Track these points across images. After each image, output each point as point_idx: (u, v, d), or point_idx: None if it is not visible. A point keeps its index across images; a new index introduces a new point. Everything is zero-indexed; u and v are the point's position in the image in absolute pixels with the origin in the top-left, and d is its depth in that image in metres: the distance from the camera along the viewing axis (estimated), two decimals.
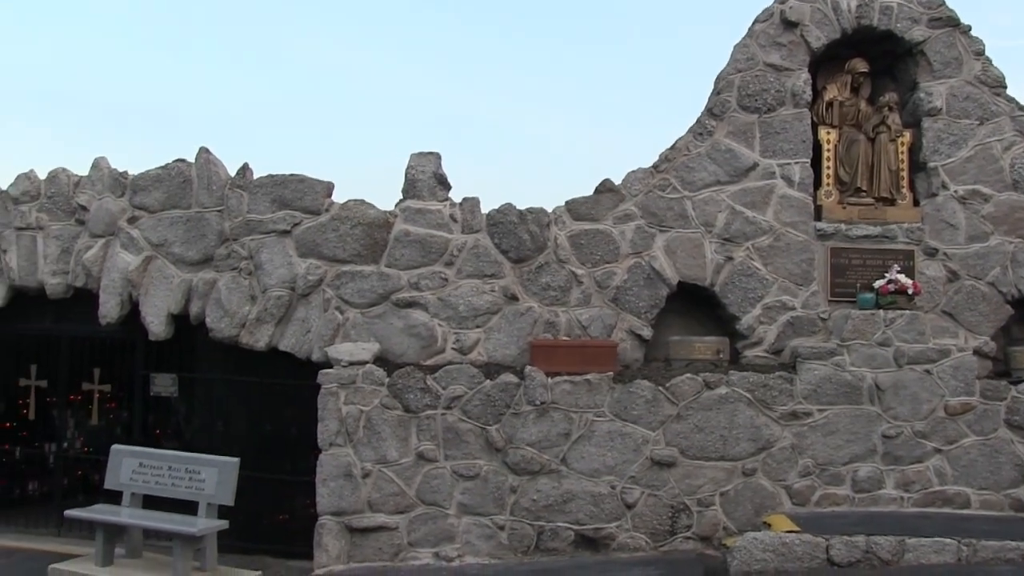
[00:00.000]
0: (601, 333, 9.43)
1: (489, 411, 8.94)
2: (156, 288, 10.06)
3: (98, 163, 10.63)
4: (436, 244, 9.52)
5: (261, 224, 9.75)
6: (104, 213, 10.34)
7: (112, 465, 9.34)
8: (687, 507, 8.94)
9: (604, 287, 9.52)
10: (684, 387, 9.02)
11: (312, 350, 9.51)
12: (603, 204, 9.66)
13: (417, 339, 9.39)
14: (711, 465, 8.99)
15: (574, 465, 8.92)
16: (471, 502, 8.92)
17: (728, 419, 9.00)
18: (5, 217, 10.92)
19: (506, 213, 9.53)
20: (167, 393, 10.51)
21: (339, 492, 8.93)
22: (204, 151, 10.15)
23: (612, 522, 8.89)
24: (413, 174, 9.68)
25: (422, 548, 8.91)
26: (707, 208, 9.66)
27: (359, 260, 9.53)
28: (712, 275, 9.60)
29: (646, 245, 9.59)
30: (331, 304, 9.50)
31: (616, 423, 8.96)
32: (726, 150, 9.70)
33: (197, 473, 8.92)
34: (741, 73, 9.77)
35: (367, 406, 8.98)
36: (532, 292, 9.49)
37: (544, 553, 8.87)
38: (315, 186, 9.74)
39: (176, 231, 10.07)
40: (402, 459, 8.96)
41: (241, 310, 9.71)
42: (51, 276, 10.65)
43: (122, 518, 8.95)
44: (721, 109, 9.75)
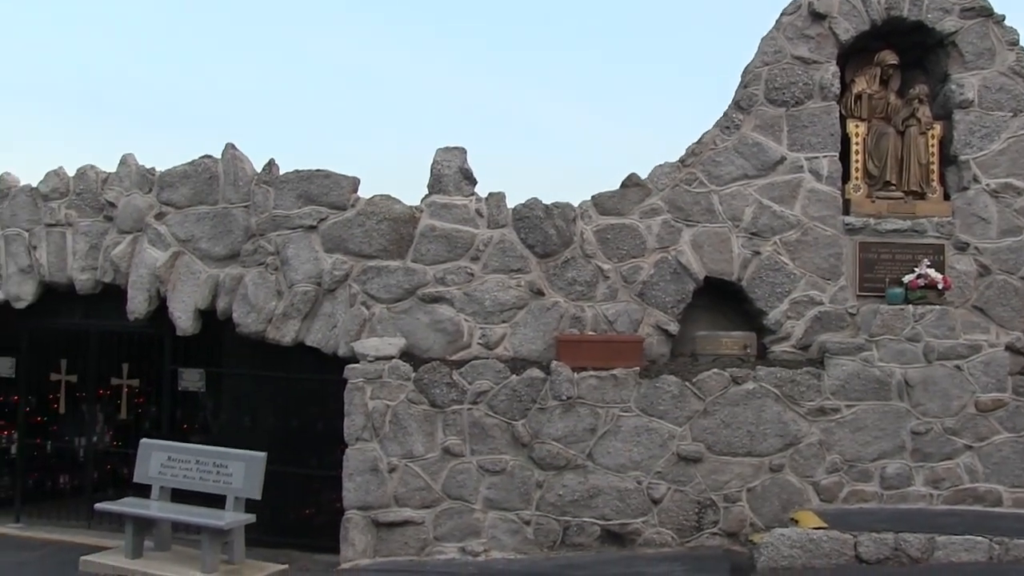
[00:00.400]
0: (627, 328, 9.40)
1: (515, 406, 8.93)
2: (183, 284, 10.13)
3: (126, 160, 10.70)
4: (462, 239, 9.52)
5: (287, 219, 9.78)
6: (132, 209, 10.42)
7: (141, 459, 9.44)
8: (713, 503, 8.90)
9: (630, 282, 9.48)
10: (711, 382, 8.97)
11: (338, 345, 9.54)
12: (629, 198, 9.62)
13: (443, 334, 9.40)
14: (738, 461, 8.94)
15: (600, 460, 8.90)
16: (497, 497, 8.92)
17: (755, 415, 8.94)
18: (35, 214, 11.02)
19: (532, 208, 9.51)
20: (195, 388, 10.58)
21: (365, 487, 8.96)
22: (230, 147, 10.20)
23: (638, 517, 8.87)
24: (439, 169, 9.68)
25: (448, 543, 8.93)
26: (734, 202, 9.59)
27: (385, 255, 9.54)
28: (739, 270, 9.54)
29: (673, 239, 9.54)
30: (357, 299, 9.52)
31: (642, 418, 8.92)
32: (753, 144, 9.63)
33: (224, 467, 8.99)
34: (768, 66, 9.69)
35: (393, 401, 9.00)
36: (558, 287, 9.46)
37: (570, 548, 8.86)
38: (341, 181, 9.76)
39: (203, 227, 10.13)
40: (428, 454, 8.97)
41: (268, 305, 9.76)
42: (80, 272, 10.74)
43: (151, 511, 9.05)
44: (748, 102, 9.68)
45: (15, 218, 11.12)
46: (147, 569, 8.66)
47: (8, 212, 11.17)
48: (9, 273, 11.10)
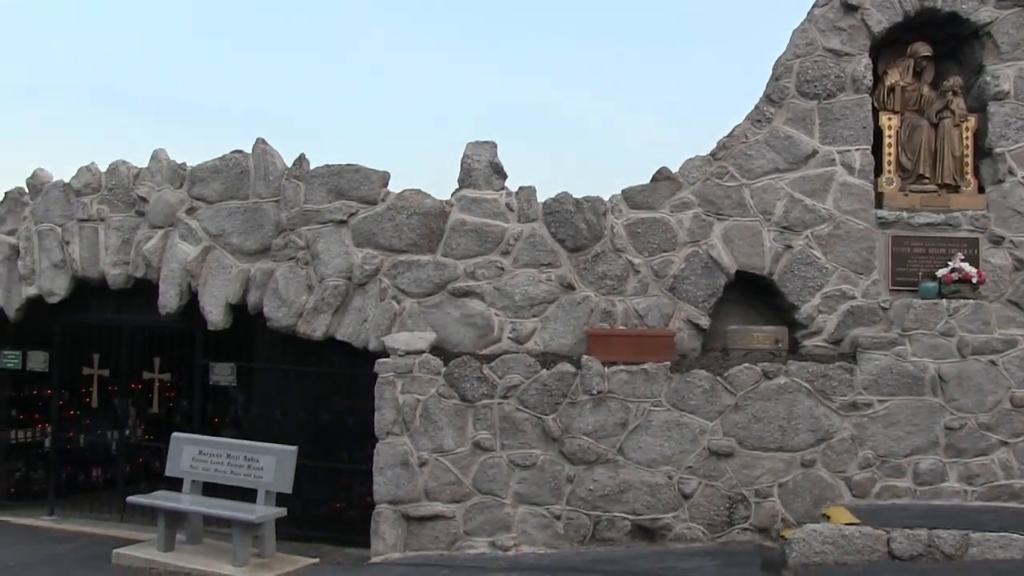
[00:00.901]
0: (658, 322, 9.36)
1: (545, 400, 8.92)
2: (214, 278, 10.18)
3: (157, 155, 10.77)
4: (492, 233, 9.51)
5: (318, 214, 9.81)
6: (163, 204, 10.48)
7: (173, 453, 9.51)
8: (745, 498, 8.85)
9: (661, 276, 9.44)
10: (742, 377, 8.91)
11: (369, 339, 9.56)
12: (660, 192, 9.57)
13: (473, 328, 9.40)
14: (769, 456, 8.88)
15: (631, 455, 8.87)
16: (527, 491, 8.91)
17: (787, 409, 8.87)
18: (68, 209, 11.12)
19: (562, 202, 9.49)
20: (225, 382, 10.64)
21: (396, 481, 8.98)
22: (261, 142, 10.24)
23: (669, 512, 8.84)
24: (469, 163, 9.67)
25: (478, 537, 8.93)
26: (765, 196, 9.52)
27: (415, 249, 9.55)
28: (771, 264, 9.47)
29: (704, 233, 9.48)
30: (388, 293, 9.54)
31: (673, 413, 8.89)
32: (785, 137, 9.55)
33: (255, 461, 9.04)
34: (800, 59, 9.61)
35: (424, 395, 9.02)
36: (588, 281, 9.44)
37: (600, 543, 8.85)
38: (371, 176, 9.78)
39: (234, 221, 10.17)
40: (458, 448, 8.98)
41: (298, 300, 9.79)
42: (112, 267, 10.82)
43: (183, 505, 9.12)
44: (779, 95, 9.60)
45: (48, 213, 11.22)
46: (179, 562, 8.73)
47: (41, 208, 11.28)
48: (42, 268, 11.20)
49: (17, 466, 12.27)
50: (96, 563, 8.96)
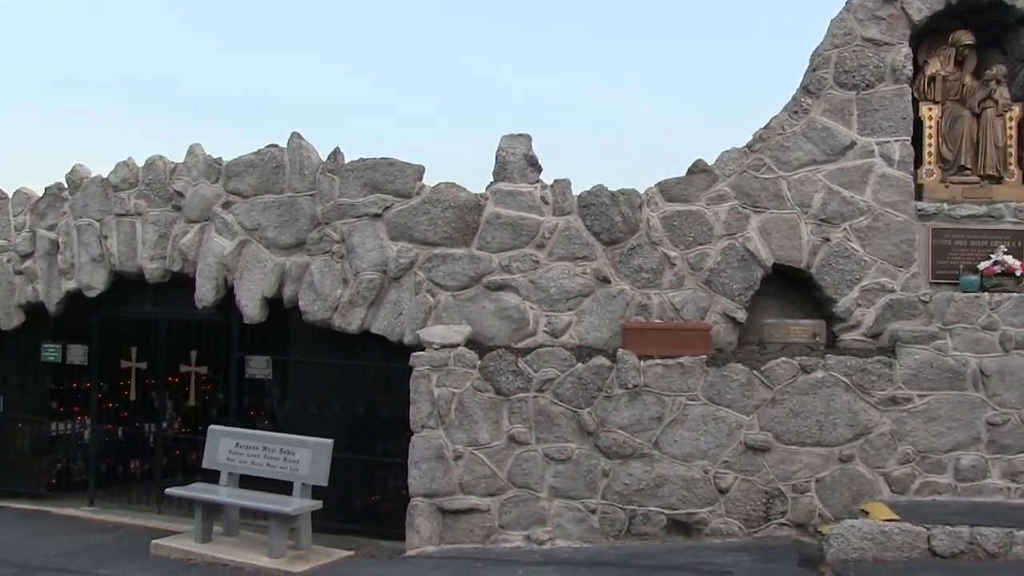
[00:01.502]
0: (694, 316, 9.29)
1: (581, 394, 8.89)
2: (250, 272, 10.24)
3: (193, 150, 10.84)
4: (527, 226, 9.48)
5: (353, 208, 9.84)
6: (199, 199, 10.55)
7: (210, 445, 9.59)
8: (781, 493, 8.77)
9: (697, 269, 9.37)
10: (779, 371, 8.83)
11: (404, 333, 9.58)
12: (696, 185, 9.50)
13: (508, 322, 9.38)
14: (807, 451, 8.79)
15: (666, 449, 8.82)
16: (562, 485, 8.89)
17: (824, 404, 8.78)
18: (106, 204, 11.23)
19: (598, 195, 9.44)
20: (261, 375, 10.71)
21: (431, 474, 8.99)
22: (296, 136, 10.27)
23: (705, 507, 8.78)
24: (504, 156, 9.65)
25: (513, 531, 8.93)
26: (803, 188, 9.41)
27: (450, 243, 9.55)
28: (808, 257, 9.37)
29: (740, 226, 9.40)
30: (423, 287, 9.55)
31: (709, 407, 8.82)
32: (822, 128, 9.43)
33: (292, 454, 9.09)
34: (838, 49, 9.47)
35: (459, 388, 9.02)
36: (624, 274, 9.39)
37: (635, 537, 8.81)
38: (406, 169, 9.79)
39: (269, 215, 10.22)
40: (494, 441, 8.98)
41: (334, 293, 9.83)
42: (149, 261, 10.91)
43: (220, 497, 9.19)
44: (817, 86, 9.48)
45: (87, 208, 11.34)
46: (216, 553, 8.80)
47: (80, 203, 11.40)
48: (81, 262, 11.32)
49: (58, 458, 12.44)
50: (135, 553, 9.05)
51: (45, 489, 12.18)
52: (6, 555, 8.96)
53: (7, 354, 12.32)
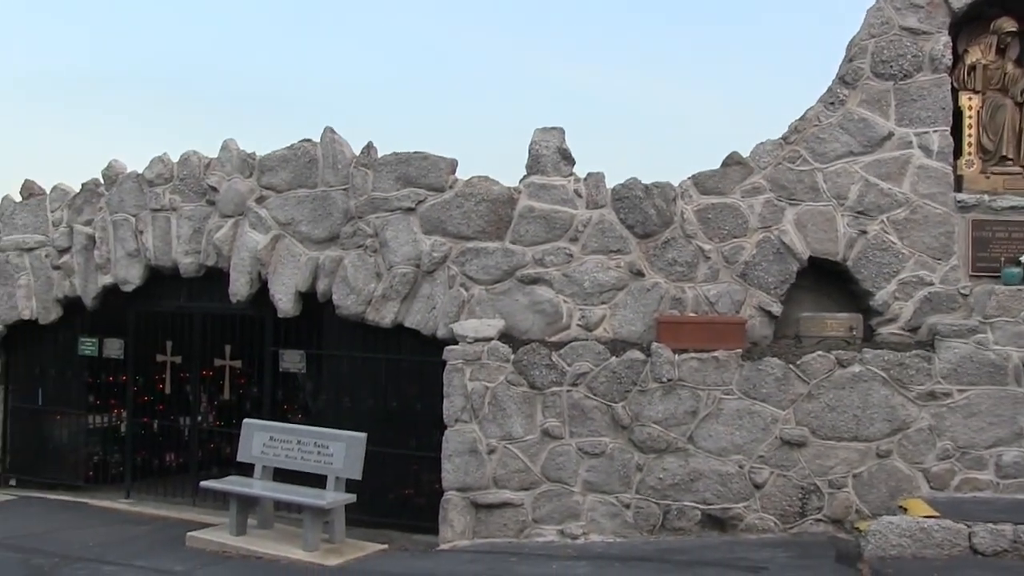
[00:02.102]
0: (729, 309, 9.22)
1: (615, 388, 8.84)
2: (284, 266, 10.28)
3: (227, 145, 10.89)
4: (561, 220, 9.44)
5: (386, 202, 9.85)
6: (233, 193, 10.60)
7: (244, 438, 9.62)
8: (818, 488, 8.68)
9: (732, 262, 9.29)
10: (815, 365, 8.73)
11: (437, 327, 9.58)
12: (731, 177, 9.41)
13: (542, 315, 9.35)
14: (843, 446, 8.68)
15: (701, 444, 8.76)
16: (596, 480, 8.86)
17: (862, 398, 8.67)
18: (141, 199, 11.31)
19: (631, 188, 9.38)
20: (295, 369, 10.75)
21: (464, 468, 8.99)
22: (329, 131, 10.30)
23: (740, 502, 8.71)
24: (537, 149, 9.61)
25: (547, 525, 8.91)
26: (839, 180, 9.30)
27: (483, 237, 9.54)
28: (844, 249, 9.26)
29: (775, 219, 9.30)
30: (456, 281, 9.54)
31: (744, 401, 8.75)
32: (859, 119, 9.31)
33: (325, 447, 9.11)
34: (875, 38, 9.34)
35: (492, 382, 9.00)
36: (658, 268, 9.33)
37: (670, 532, 8.76)
38: (439, 163, 9.78)
39: (303, 210, 10.26)
40: (527, 435, 8.95)
41: (367, 287, 9.84)
42: (184, 255, 10.98)
43: (254, 490, 9.22)
44: (854, 77, 9.35)
45: (122, 204, 11.43)
46: (250, 546, 8.84)
47: (116, 198, 11.49)
48: (117, 257, 11.42)
49: (95, 450, 12.55)
50: (171, 545, 9.10)
51: (83, 481, 12.30)
52: (46, 545, 9.06)
53: (45, 348, 12.46)
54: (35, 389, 12.57)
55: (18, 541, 9.27)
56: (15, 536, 9.49)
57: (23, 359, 12.67)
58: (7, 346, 12.64)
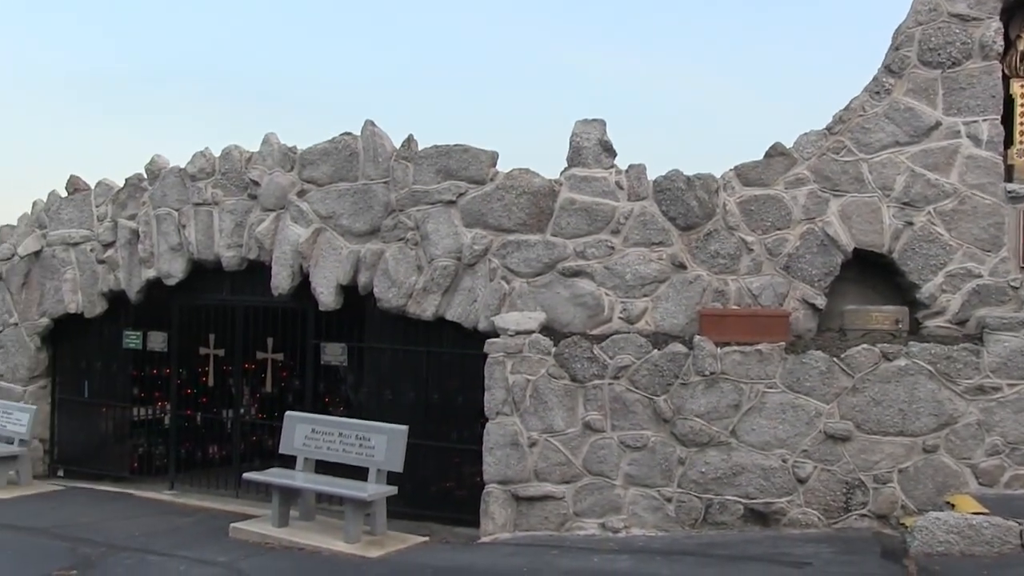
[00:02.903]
0: (772, 302, 9.12)
1: (657, 381, 8.79)
2: (325, 259, 10.33)
3: (268, 139, 10.96)
4: (602, 212, 9.40)
5: (427, 195, 9.86)
6: (275, 187, 10.67)
7: (286, 431, 9.69)
8: (862, 483, 8.55)
9: (775, 254, 9.19)
10: (860, 358, 8.61)
11: (478, 320, 9.58)
12: (774, 168, 9.30)
13: (584, 308, 9.32)
14: (889, 440, 8.55)
15: (744, 437, 8.68)
16: (638, 473, 8.81)
17: (908, 392, 8.53)
18: (184, 194, 11.42)
19: (673, 179, 9.31)
20: (337, 362, 10.80)
21: (505, 461, 8.99)
22: (369, 124, 10.32)
23: (783, 497, 8.61)
24: (578, 141, 9.57)
25: (588, 518, 8.88)
26: (885, 171, 9.15)
27: (524, 229, 9.52)
28: (890, 241, 9.12)
29: (820, 210, 9.18)
30: (497, 274, 9.53)
31: (788, 395, 8.65)
32: (905, 109, 9.16)
33: (367, 440, 9.14)
34: (922, 26, 9.18)
35: (534, 375, 8.99)
36: (700, 260, 9.25)
37: (712, 527, 8.69)
38: (479, 156, 9.77)
39: (344, 203, 10.29)
40: (568, 429, 8.93)
41: (408, 280, 9.86)
42: (226, 249, 11.07)
43: (296, 482, 9.28)
44: (900, 65, 9.20)
45: (165, 198, 11.55)
46: (293, 537, 8.89)
47: (159, 193, 11.61)
48: (161, 251, 11.54)
49: (139, 442, 12.74)
50: (214, 536, 9.20)
51: (128, 472, 12.49)
52: (93, 535, 9.21)
53: (91, 341, 12.64)
54: (81, 382, 12.76)
55: (67, 530, 9.43)
56: (64, 525, 9.66)
57: (69, 352, 12.87)
58: (54, 339, 12.84)
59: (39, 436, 12.56)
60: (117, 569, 8.06)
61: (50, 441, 12.89)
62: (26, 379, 12.69)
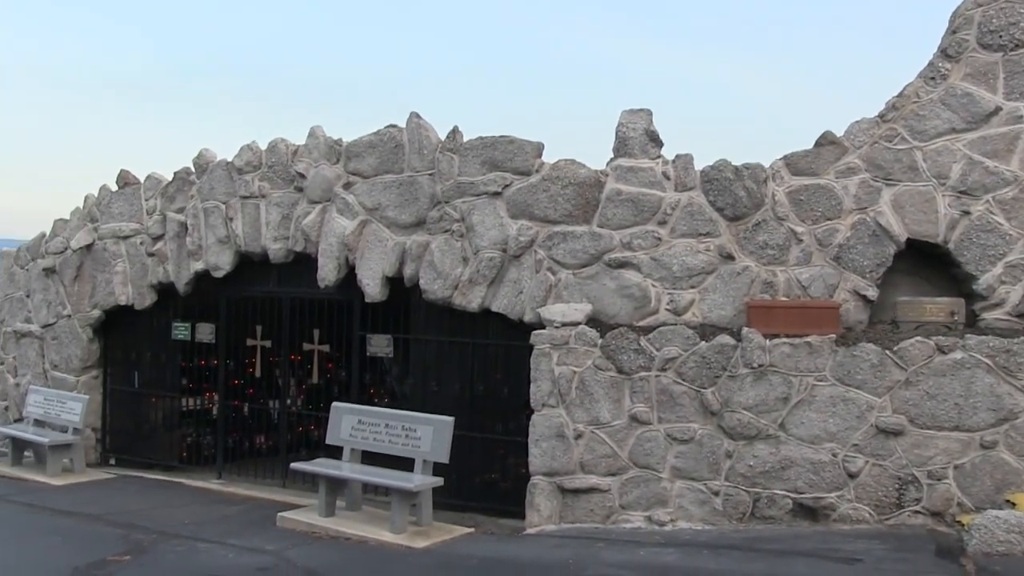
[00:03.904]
0: (822, 293, 8.96)
1: (704, 373, 8.68)
2: (371, 251, 10.35)
3: (314, 132, 11.00)
4: (648, 203, 9.29)
5: (472, 186, 9.83)
6: (321, 180, 10.70)
7: (333, 422, 9.74)
8: (916, 479, 8.37)
9: (825, 245, 9.02)
10: (914, 351, 8.41)
11: (524, 311, 9.53)
12: (824, 157, 9.13)
13: (630, 300, 9.23)
14: (944, 435, 8.35)
15: (793, 431, 8.54)
16: (685, 466, 8.72)
17: (964, 386, 8.32)
18: (231, 187, 11.51)
19: (721, 169, 9.17)
20: (383, 353, 10.82)
21: (551, 452, 8.94)
22: (415, 116, 10.31)
23: (833, 492, 8.46)
24: (624, 132, 9.47)
25: (634, 511, 8.80)
26: (940, 159, 8.94)
27: (570, 220, 9.45)
28: (945, 231, 8.90)
29: (871, 200, 8.99)
30: (543, 265, 9.47)
31: (838, 388, 8.49)
32: (963, 94, 8.93)
33: (413, 431, 9.16)
34: (982, 7, 8.91)
35: (580, 367, 8.92)
36: (748, 251, 9.11)
37: (760, 521, 8.57)
38: (525, 147, 9.72)
39: (389, 195, 10.30)
40: (615, 421, 8.86)
41: (454, 272, 9.85)
42: (273, 241, 11.14)
43: (343, 472, 9.31)
44: (957, 49, 8.97)
45: (213, 191, 11.65)
46: (339, 527, 8.92)
47: (207, 186, 11.72)
48: (208, 244, 11.65)
49: (188, 432, 12.91)
50: (262, 525, 9.28)
51: (177, 461, 12.68)
52: (144, 522, 9.35)
53: (140, 332, 12.82)
54: (131, 372, 12.96)
55: (119, 517, 9.60)
56: (116, 512, 9.83)
57: (120, 343, 13.07)
58: (105, 331, 13.04)
59: (91, 425, 12.77)
60: (168, 556, 8.17)
61: (102, 430, 13.10)
62: (79, 369, 12.91)
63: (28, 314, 13.74)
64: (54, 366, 13.18)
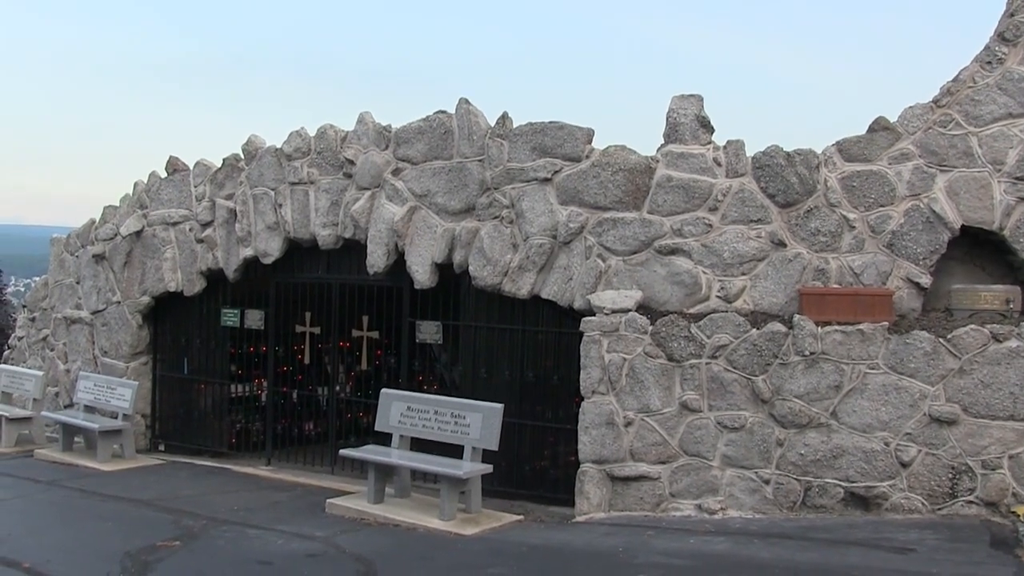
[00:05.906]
0: (875, 281, 8.87)
1: (755, 361, 8.63)
2: (420, 238, 10.39)
3: (363, 118, 11.05)
4: (699, 189, 9.24)
5: (522, 172, 9.83)
6: (370, 166, 10.75)
7: (382, 408, 9.78)
8: (969, 469, 8.27)
9: (878, 232, 8.92)
10: (968, 339, 8.31)
11: (574, 298, 9.53)
12: (877, 143, 9.03)
13: (680, 287, 9.19)
14: (998, 425, 8.24)
15: (845, 419, 8.47)
16: (735, 454, 8.68)
17: (1019, 375, 8.19)
18: (280, 173, 11.59)
19: (772, 155, 9.10)
20: (432, 340, 10.85)
21: (601, 440, 8.94)
22: (464, 102, 10.32)
23: (885, 481, 8.39)
24: (675, 118, 9.42)
25: (684, 499, 8.79)
26: (996, 144, 8.81)
27: (620, 207, 9.42)
28: (1001, 218, 8.77)
29: (925, 186, 8.89)
30: (593, 251, 9.46)
31: (891, 376, 8.40)
32: (1020, 79, 8.77)
33: (462, 418, 9.18)
34: None
35: (630, 354, 8.91)
36: (800, 238, 9.04)
37: (811, 510, 8.52)
38: (575, 133, 9.70)
39: (439, 181, 10.33)
40: (665, 408, 8.84)
41: (503, 258, 9.86)
42: (322, 228, 11.21)
43: (392, 459, 9.35)
44: (1015, 32, 8.81)
45: (262, 178, 11.74)
46: (388, 514, 8.97)
47: (256, 172, 11.81)
48: (258, 230, 11.74)
49: (237, 418, 13.03)
50: (311, 511, 9.35)
51: (226, 448, 12.80)
52: (194, 508, 9.45)
53: (190, 319, 12.96)
54: (181, 359, 13.12)
55: (169, 503, 9.71)
56: (166, 498, 9.94)
57: (169, 330, 13.22)
58: (155, 317, 13.20)
59: (141, 411, 12.96)
60: (218, 541, 8.25)
61: (151, 416, 13.29)
62: (128, 356, 13.09)
63: (78, 300, 13.96)
64: (104, 352, 13.38)
